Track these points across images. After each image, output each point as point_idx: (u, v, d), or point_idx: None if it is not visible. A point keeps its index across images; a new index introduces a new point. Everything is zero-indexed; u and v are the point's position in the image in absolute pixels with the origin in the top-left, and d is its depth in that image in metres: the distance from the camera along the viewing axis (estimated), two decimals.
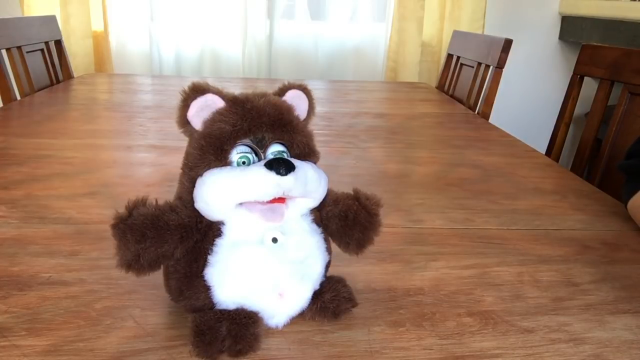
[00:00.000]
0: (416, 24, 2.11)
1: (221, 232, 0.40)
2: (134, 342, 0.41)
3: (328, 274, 0.45)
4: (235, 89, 0.45)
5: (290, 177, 0.38)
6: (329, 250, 0.44)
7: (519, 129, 1.77)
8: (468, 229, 0.65)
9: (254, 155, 0.40)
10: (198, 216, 0.40)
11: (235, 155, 0.39)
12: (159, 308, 0.45)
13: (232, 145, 0.39)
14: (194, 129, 0.41)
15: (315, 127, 0.70)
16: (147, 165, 0.85)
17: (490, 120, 1.38)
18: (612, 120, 1.08)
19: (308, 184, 0.40)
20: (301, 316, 0.43)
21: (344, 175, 0.84)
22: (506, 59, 1.44)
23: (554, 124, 1.24)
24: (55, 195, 0.70)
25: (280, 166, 0.37)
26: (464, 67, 1.68)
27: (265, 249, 0.40)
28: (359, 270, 0.53)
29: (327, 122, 1.20)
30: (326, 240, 0.44)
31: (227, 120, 0.39)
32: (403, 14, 2.11)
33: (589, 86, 1.32)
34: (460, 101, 1.59)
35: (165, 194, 0.46)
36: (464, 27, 2.12)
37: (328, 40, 2.19)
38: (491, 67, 1.48)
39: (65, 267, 0.51)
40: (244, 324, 0.39)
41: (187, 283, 0.40)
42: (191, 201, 0.39)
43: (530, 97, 2.42)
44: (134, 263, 0.38)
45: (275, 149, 0.40)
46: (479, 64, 1.55)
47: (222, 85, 0.42)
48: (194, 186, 0.39)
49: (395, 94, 1.66)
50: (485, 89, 1.49)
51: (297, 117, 0.42)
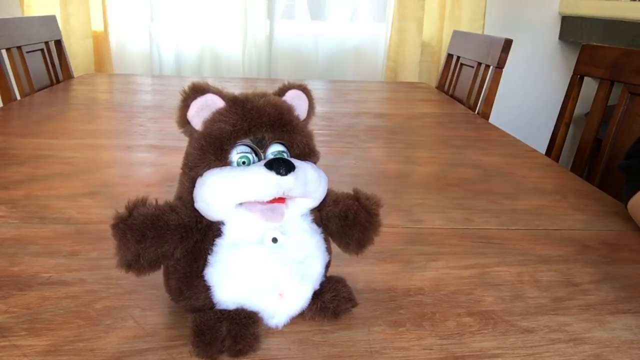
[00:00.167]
0: (416, 24, 2.11)
1: (221, 232, 0.40)
2: (134, 342, 0.41)
3: (328, 274, 0.45)
4: (235, 89, 0.45)
5: (290, 177, 0.38)
6: (329, 250, 0.44)
7: (519, 129, 1.77)
8: (468, 229, 0.65)
9: (254, 155, 0.40)
10: (198, 216, 0.40)
11: (235, 155, 0.39)
12: (159, 308, 0.45)
13: (232, 145, 0.39)
14: (194, 129, 0.41)
15: (315, 127, 0.70)
16: (147, 165, 0.85)
17: (490, 120, 1.38)
18: (612, 120, 1.08)
19: (308, 184, 0.40)
20: (301, 316, 0.43)
21: (344, 175, 0.84)
22: (506, 59, 1.44)
23: (554, 124, 1.24)
24: (55, 195, 0.70)
25: (280, 166, 0.37)
26: (464, 67, 1.68)
27: (265, 249, 0.40)
28: (359, 270, 0.53)
29: (327, 122, 1.20)
30: (326, 240, 0.44)
31: (227, 120, 0.39)
32: (403, 14, 2.11)
33: (589, 86, 1.32)
34: (460, 101, 1.59)
35: (165, 194, 0.46)
36: (464, 27, 2.12)
37: (328, 40, 2.19)
38: (491, 67, 1.48)
39: (65, 267, 0.51)
40: (244, 324, 0.39)
41: (187, 283, 0.40)
42: (191, 201, 0.39)
43: (530, 97, 2.42)
44: (134, 263, 0.38)
45: (275, 149, 0.40)
46: (479, 64, 1.55)
47: (222, 85, 0.42)
48: (194, 186, 0.39)
49: (395, 94, 1.66)
50: (485, 89, 1.49)
51: (297, 117, 0.42)
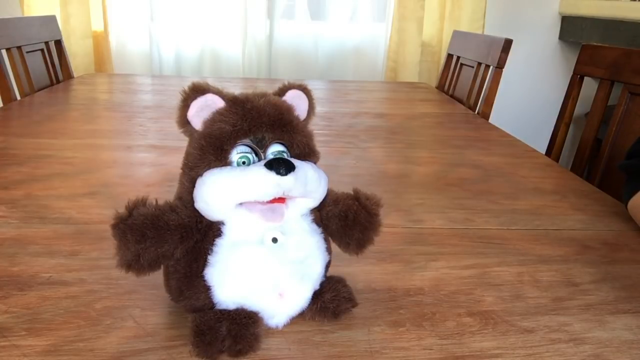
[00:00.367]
0: (416, 24, 2.11)
1: (221, 232, 0.40)
2: (134, 342, 0.41)
3: (328, 274, 0.45)
4: (235, 89, 0.45)
5: (290, 177, 0.38)
6: (329, 250, 0.44)
7: (519, 129, 1.78)
8: (468, 229, 0.65)
9: (254, 155, 0.40)
10: (198, 216, 0.40)
11: (235, 155, 0.39)
12: (159, 308, 0.45)
13: (232, 145, 0.39)
14: (194, 129, 0.41)
15: (315, 127, 0.70)
16: (147, 165, 0.85)
17: (490, 120, 1.38)
18: (612, 120, 1.08)
19: (308, 184, 0.40)
20: (301, 316, 0.43)
21: (344, 175, 0.84)
22: (506, 59, 1.44)
23: (554, 124, 1.24)
24: (55, 195, 0.70)
25: (280, 166, 0.37)
26: (464, 67, 1.68)
27: (265, 249, 0.40)
28: (359, 270, 0.53)
29: (327, 122, 1.20)
30: (326, 240, 0.44)
31: (227, 120, 0.39)
32: (403, 14, 2.11)
33: (589, 86, 1.32)
34: (460, 101, 1.59)
35: (165, 194, 0.46)
36: (464, 27, 2.12)
37: (328, 40, 2.19)
38: (491, 67, 1.48)
39: (65, 267, 0.51)
40: (244, 324, 0.39)
41: (187, 283, 0.40)
42: (191, 201, 0.39)
43: (530, 97, 2.42)
44: (134, 263, 0.38)
45: (275, 149, 0.40)
46: (479, 64, 1.55)
47: (222, 85, 0.42)
48: (194, 186, 0.39)
49: (395, 94, 1.66)
50: (485, 89, 1.49)
51: (297, 117, 0.42)
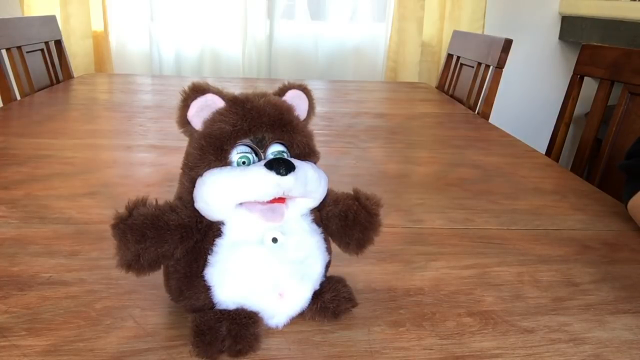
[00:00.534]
0: (416, 24, 2.11)
1: (221, 232, 0.40)
2: (134, 342, 0.41)
3: (328, 274, 0.45)
4: (235, 89, 0.45)
5: (290, 177, 0.38)
6: (329, 250, 0.44)
7: (519, 129, 1.77)
8: (468, 229, 0.65)
9: (254, 155, 0.40)
10: (198, 216, 0.40)
11: (235, 155, 0.39)
12: (159, 308, 0.45)
13: (232, 145, 0.39)
14: (194, 129, 0.41)
15: (315, 127, 0.70)
16: (147, 165, 0.85)
17: (490, 120, 1.38)
18: (612, 120, 1.08)
19: (308, 184, 0.40)
20: (301, 316, 0.43)
21: (344, 175, 0.84)
22: (506, 59, 1.44)
23: (554, 124, 1.24)
24: (55, 195, 0.70)
25: (280, 166, 0.37)
26: (464, 67, 1.68)
27: (265, 249, 0.40)
28: (359, 270, 0.53)
29: (327, 122, 1.20)
30: (326, 240, 0.44)
31: (227, 120, 0.39)
32: (403, 14, 2.11)
33: (589, 86, 1.32)
34: (460, 101, 1.59)
35: (165, 194, 0.46)
36: (464, 27, 2.12)
37: (328, 40, 2.19)
38: (491, 67, 1.48)
39: (65, 267, 0.51)
40: (244, 324, 0.39)
41: (187, 283, 0.40)
42: (191, 201, 0.39)
43: (530, 97, 2.42)
44: (134, 263, 0.38)
45: (275, 149, 0.40)
46: (479, 64, 1.55)
47: (222, 85, 0.42)
48: (194, 186, 0.39)
49: (395, 94, 1.66)
50: (485, 89, 1.49)
51: (297, 117, 0.42)
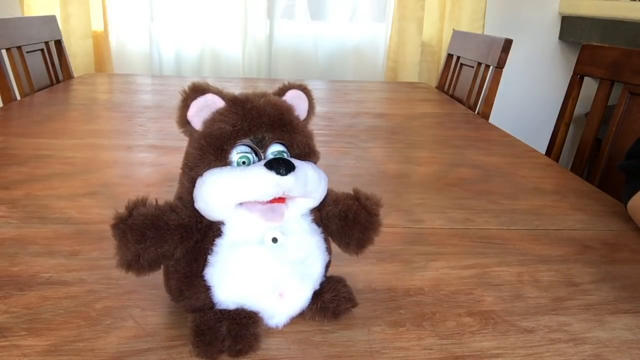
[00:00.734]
0: (416, 24, 2.11)
1: (221, 232, 0.40)
2: (134, 342, 0.41)
3: (328, 274, 0.45)
4: (235, 89, 0.45)
5: (290, 177, 0.38)
6: (329, 250, 0.44)
7: (519, 129, 1.77)
8: (468, 229, 0.65)
9: (254, 155, 0.40)
10: (198, 216, 0.40)
11: (235, 155, 0.39)
12: (159, 308, 0.45)
13: (232, 145, 0.39)
14: (194, 129, 0.41)
15: (315, 127, 0.70)
16: (147, 165, 0.85)
17: (490, 120, 1.38)
18: (612, 120, 1.08)
19: (308, 184, 0.40)
20: (301, 316, 0.43)
21: (344, 175, 0.84)
22: (506, 59, 1.44)
23: (554, 124, 1.24)
24: (55, 195, 0.70)
25: (280, 166, 0.37)
26: (464, 67, 1.68)
27: (265, 249, 0.40)
28: (359, 270, 0.53)
29: (327, 122, 1.20)
30: (326, 240, 0.44)
31: (227, 120, 0.39)
32: (403, 14, 2.11)
33: (589, 86, 1.32)
34: (460, 101, 1.59)
35: (165, 194, 0.46)
36: (464, 27, 2.12)
37: (328, 40, 2.19)
38: (491, 67, 1.48)
39: (65, 267, 0.51)
40: (244, 324, 0.39)
41: (187, 283, 0.40)
42: (191, 201, 0.39)
43: (530, 97, 2.42)
44: (134, 263, 0.38)
45: (275, 149, 0.40)
46: (479, 64, 1.55)
47: (222, 85, 0.42)
48: (194, 186, 0.39)
49: (395, 94, 1.66)
50: (485, 89, 1.49)
51: (297, 117, 0.42)
